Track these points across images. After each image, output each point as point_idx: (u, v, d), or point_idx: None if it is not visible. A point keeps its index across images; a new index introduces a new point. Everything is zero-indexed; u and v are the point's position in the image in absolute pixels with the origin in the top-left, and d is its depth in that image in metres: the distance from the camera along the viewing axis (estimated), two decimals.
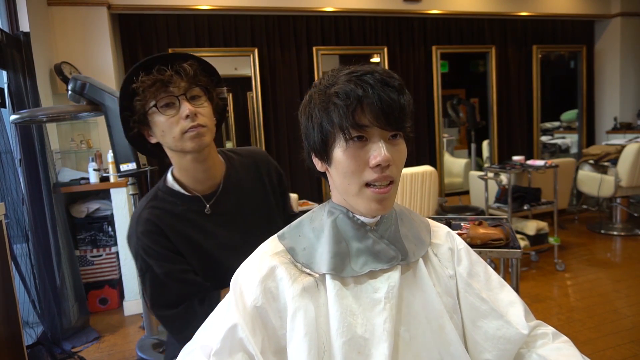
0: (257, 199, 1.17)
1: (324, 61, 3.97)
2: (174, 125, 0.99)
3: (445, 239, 0.87)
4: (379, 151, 0.69)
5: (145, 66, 0.99)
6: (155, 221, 1.02)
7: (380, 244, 0.77)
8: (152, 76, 0.97)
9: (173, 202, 1.06)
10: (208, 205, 1.09)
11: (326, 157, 0.74)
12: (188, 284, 1.03)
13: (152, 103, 0.98)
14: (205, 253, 1.06)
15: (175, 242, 1.03)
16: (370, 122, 0.69)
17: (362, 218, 0.78)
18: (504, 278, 1.76)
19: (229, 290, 0.98)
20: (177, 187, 1.07)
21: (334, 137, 0.71)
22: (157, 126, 1.00)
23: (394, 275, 0.76)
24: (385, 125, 0.69)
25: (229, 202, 1.12)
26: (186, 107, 0.98)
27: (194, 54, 1.05)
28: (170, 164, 1.10)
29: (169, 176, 1.09)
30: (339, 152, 0.71)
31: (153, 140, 1.05)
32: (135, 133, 1.04)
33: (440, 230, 0.88)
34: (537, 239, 3.58)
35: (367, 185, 0.72)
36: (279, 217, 1.21)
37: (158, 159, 1.11)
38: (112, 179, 3.01)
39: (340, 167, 0.72)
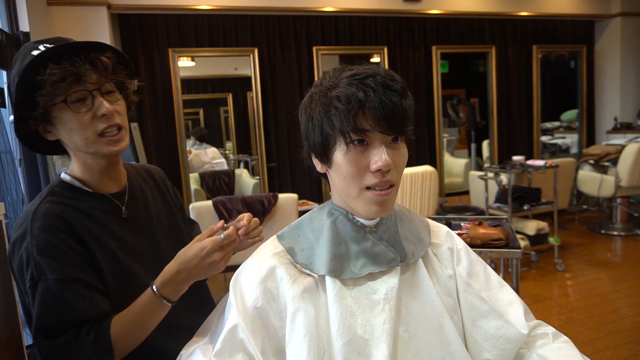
0: (161, 208, 1.07)
1: (324, 61, 3.96)
2: (86, 125, 0.85)
3: (445, 238, 0.87)
4: (380, 156, 0.68)
5: (52, 55, 0.82)
6: (60, 214, 0.85)
7: (379, 246, 0.77)
8: (62, 68, 0.81)
9: (75, 198, 0.90)
10: (124, 208, 0.96)
11: (326, 159, 0.74)
12: (87, 302, 0.82)
13: (61, 99, 0.83)
14: (118, 261, 0.90)
15: (87, 241, 0.86)
16: (371, 126, 0.68)
17: (361, 220, 0.77)
18: (504, 278, 1.76)
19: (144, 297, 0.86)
20: (77, 183, 0.92)
21: (334, 140, 0.71)
22: (63, 124, 0.86)
23: (393, 277, 0.76)
24: (386, 130, 0.68)
25: (138, 207, 1.01)
26: (104, 105, 0.86)
27: (108, 44, 0.90)
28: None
29: (64, 175, 0.93)
30: (340, 155, 0.71)
31: (51, 138, 0.90)
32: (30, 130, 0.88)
33: (439, 230, 0.89)
34: (537, 239, 3.58)
35: (368, 188, 0.71)
36: (184, 231, 1.12)
37: (49, 155, 0.94)
38: None
39: (341, 170, 0.72)
